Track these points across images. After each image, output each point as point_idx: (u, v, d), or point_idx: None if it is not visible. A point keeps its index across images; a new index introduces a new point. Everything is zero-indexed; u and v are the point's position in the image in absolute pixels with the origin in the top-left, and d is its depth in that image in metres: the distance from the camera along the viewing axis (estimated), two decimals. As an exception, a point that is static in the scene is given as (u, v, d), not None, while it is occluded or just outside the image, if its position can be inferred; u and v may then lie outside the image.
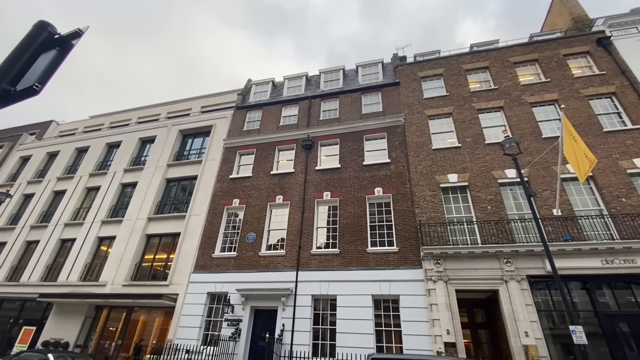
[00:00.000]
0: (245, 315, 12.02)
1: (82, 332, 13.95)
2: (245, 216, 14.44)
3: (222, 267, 13.39)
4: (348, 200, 13.37)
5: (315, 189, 14.12)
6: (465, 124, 13.84)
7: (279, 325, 11.50)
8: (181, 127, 19.18)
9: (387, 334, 10.73)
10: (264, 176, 15.36)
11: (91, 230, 16.66)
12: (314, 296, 11.80)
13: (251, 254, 13.34)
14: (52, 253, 16.75)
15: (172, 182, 17.47)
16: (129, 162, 18.94)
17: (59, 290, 14.77)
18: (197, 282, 13.26)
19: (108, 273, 14.77)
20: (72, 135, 23.37)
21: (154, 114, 22.85)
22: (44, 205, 19.13)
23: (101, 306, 14.60)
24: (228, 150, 16.93)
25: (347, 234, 12.60)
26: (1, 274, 16.89)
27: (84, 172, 19.56)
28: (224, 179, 15.94)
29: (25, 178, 21.10)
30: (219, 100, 21.28)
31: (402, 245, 11.80)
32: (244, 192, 15.20)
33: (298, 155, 15.45)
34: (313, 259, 12.49)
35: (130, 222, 16.09)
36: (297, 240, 13.04)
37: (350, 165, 14.24)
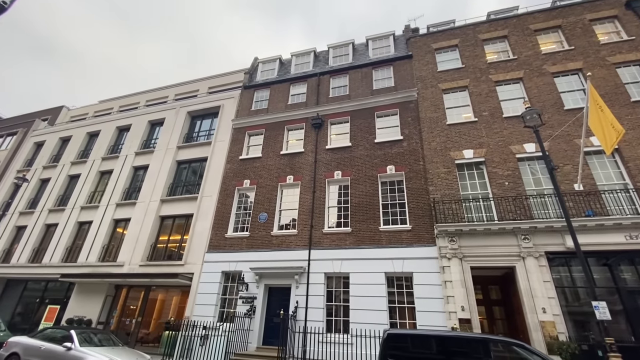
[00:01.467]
0: (259, 293, 12.21)
1: (103, 310, 14.50)
2: (257, 197, 14.41)
3: (236, 246, 13.52)
4: (359, 179, 13.15)
5: (325, 168, 13.92)
6: (481, 97, 13.24)
7: (292, 302, 11.65)
8: (189, 108, 19.00)
9: (400, 310, 10.75)
10: (273, 156, 15.19)
11: (107, 212, 16.99)
12: (327, 274, 11.85)
13: (263, 234, 13.39)
14: (71, 235, 17.23)
15: (183, 164, 17.50)
16: (140, 145, 19.00)
17: (79, 271, 15.27)
18: (211, 261, 13.47)
19: (125, 254, 15.13)
20: (83, 119, 23.51)
21: (162, 96, 22.68)
22: (60, 189, 19.52)
23: (120, 285, 15.07)
24: (237, 131, 16.74)
25: (359, 213, 12.46)
26: (24, 256, 17.53)
27: (96, 156, 19.76)
28: (234, 160, 15.86)
29: (40, 163, 21.50)
30: (226, 80, 20.92)
31: (415, 223, 11.62)
32: (254, 172, 15.11)
33: (308, 134, 15.16)
34: (325, 238, 12.46)
35: (144, 204, 16.31)
36: (308, 219, 12.99)
37: (361, 144, 13.92)
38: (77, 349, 7.60)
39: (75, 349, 7.61)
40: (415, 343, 5.54)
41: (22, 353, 7.97)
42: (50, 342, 8.01)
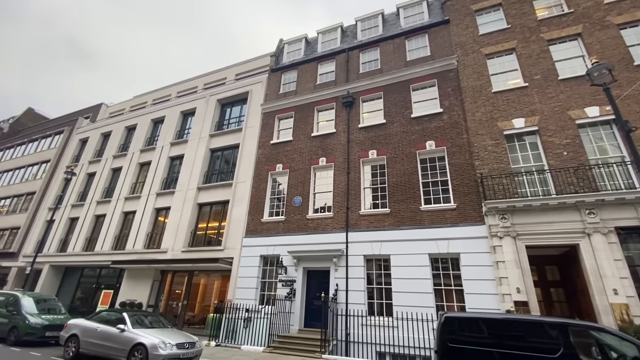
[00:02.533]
0: (298, 276, 12.14)
1: (151, 294, 15.25)
2: (290, 180, 14.21)
3: (272, 230, 13.49)
4: (396, 157, 12.46)
5: (359, 148, 13.34)
6: (532, 59, 11.86)
7: (332, 285, 11.46)
8: (218, 96, 19.03)
9: (446, 293, 10.18)
10: (304, 139, 14.82)
11: (148, 202, 17.68)
12: (366, 256, 11.48)
13: (299, 217, 13.22)
14: (118, 225, 18.19)
15: (216, 152, 17.68)
16: (174, 135, 19.43)
17: (128, 258, 16.11)
18: (249, 245, 13.58)
19: (168, 240, 15.71)
20: (121, 115, 24.46)
21: (191, 86, 22.98)
22: (105, 181, 20.60)
23: (165, 271, 15.74)
24: (266, 116, 16.52)
25: (398, 193, 11.85)
26: (79, 245, 18.84)
27: (135, 149, 20.54)
28: (265, 144, 15.70)
29: (86, 158, 22.79)
30: (253, 65, 20.66)
31: (460, 201, 10.83)
32: (286, 156, 14.88)
33: (339, 114, 14.58)
34: (362, 219, 12.02)
35: (182, 192, 16.74)
36: (344, 201, 12.59)
37: (396, 120, 13.13)
38: (130, 330, 7.91)
39: (128, 330, 7.92)
40: (478, 327, 5.02)
41: (80, 334, 8.46)
42: (106, 324, 8.42)
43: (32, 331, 9.92)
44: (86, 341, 8.31)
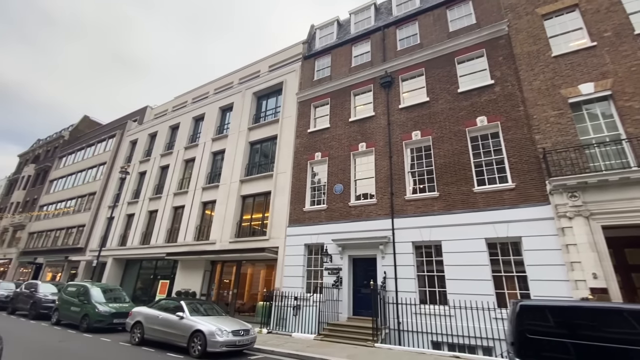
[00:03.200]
0: (344, 264, 11.95)
1: (203, 283, 15.99)
2: (330, 168, 13.95)
3: (315, 219, 13.39)
4: (443, 136, 11.64)
5: (401, 130, 12.67)
6: (600, 14, 10.33)
7: (379, 272, 11.12)
8: (254, 89, 19.17)
9: (508, 279, 9.40)
10: (342, 125, 14.42)
11: (195, 196, 18.46)
12: (415, 243, 10.95)
13: (341, 205, 12.96)
14: (169, 219, 19.25)
15: (255, 145, 17.90)
16: (214, 131, 19.99)
17: (180, 250, 17.01)
18: (293, 235, 13.62)
19: (215, 232, 16.30)
20: (164, 115, 25.70)
21: (227, 82, 23.43)
22: (155, 179, 21.86)
23: (215, 261, 16.39)
24: (302, 105, 16.31)
25: (446, 175, 11.10)
26: (136, 240, 20.28)
27: (180, 147, 21.49)
28: (303, 134, 15.55)
29: (137, 158, 24.34)
30: (285, 55, 20.50)
31: (519, 181, 9.86)
32: (324, 144, 14.61)
33: (377, 95, 13.95)
34: (408, 205, 11.46)
35: (226, 186, 17.22)
36: (387, 187, 12.09)
37: (441, 96, 12.24)
38: (188, 317, 8.25)
39: (186, 318, 8.26)
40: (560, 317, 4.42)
41: (144, 321, 9.02)
42: (166, 312, 8.88)
43: (101, 318, 10.80)
44: (149, 327, 8.83)
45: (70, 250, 24.78)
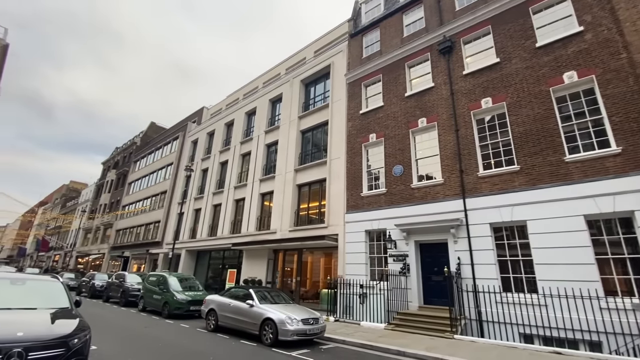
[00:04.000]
0: (410, 250, 11.17)
1: (268, 271, 16.42)
2: (386, 149, 13.10)
3: (374, 204, 12.74)
4: (521, 100, 10.07)
5: (467, 98, 11.29)
6: None
7: (452, 258, 10.14)
8: (301, 77, 18.87)
9: (618, 262, 7.82)
10: (397, 101, 13.40)
11: (254, 188, 18.97)
12: (493, 224, 9.72)
13: (402, 188, 12.10)
14: (232, 211, 20.13)
15: (306, 133, 17.68)
16: (266, 124, 20.24)
17: (243, 240, 17.66)
18: (352, 221, 13.16)
19: (275, 222, 16.57)
20: (219, 114, 26.83)
21: (274, 74, 23.55)
22: (216, 174, 23.01)
23: (277, 250, 16.70)
24: (352, 86, 15.55)
25: (528, 144, 9.59)
26: (204, 232, 21.63)
27: (236, 142, 22.24)
28: (354, 116, 14.84)
29: (199, 157, 25.88)
30: (330, 37, 19.83)
31: (627, 143, 8.07)
32: (378, 124, 13.76)
33: (435, 64, 12.62)
34: (482, 182, 10.20)
35: (281, 176, 17.35)
36: (455, 164, 10.91)
37: (515, 54, 10.57)
38: (258, 305, 8.31)
39: (256, 305, 8.34)
40: None
41: (217, 309, 9.37)
42: (236, 300, 9.09)
43: (179, 306, 11.57)
44: (222, 315, 9.13)
45: (150, 244, 27.52)
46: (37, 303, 4.43)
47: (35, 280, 4.99)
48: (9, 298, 4.31)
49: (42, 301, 4.52)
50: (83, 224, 44.33)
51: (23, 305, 4.26)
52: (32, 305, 4.33)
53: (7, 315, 3.90)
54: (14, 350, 3.28)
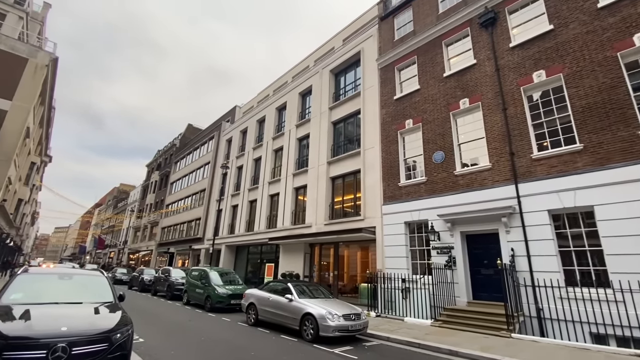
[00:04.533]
0: (455, 242, 10.39)
1: (305, 265, 16.31)
2: (425, 135, 12.30)
3: (413, 194, 12.05)
4: (581, 70, 8.86)
5: (516, 73, 10.20)
6: None
7: (504, 250, 9.27)
8: (330, 67, 18.40)
9: None
10: (435, 83, 12.51)
11: (287, 183, 18.94)
12: (552, 211, 8.70)
13: (444, 175, 11.29)
14: (267, 206, 20.30)
15: (338, 124, 17.24)
16: (297, 117, 20.07)
17: (279, 234, 17.71)
18: (390, 213, 12.57)
19: (310, 216, 16.40)
20: (251, 110, 27.17)
21: (303, 67, 23.28)
22: (251, 171, 23.35)
23: (313, 244, 16.53)
24: (384, 71, 14.82)
25: (592, 119, 8.42)
26: (242, 228, 22.08)
27: (268, 138, 22.36)
28: (388, 102, 14.13)
29: (233, 155, 26.44)
30: (359, 24, 19.10)
31: None
32: (415, 109, 12.96)
33: (477, 39, 11.57)
34: (537, 164, 9.16)
35: (314, 169, 17.10)
36: (504, 146, 9.93)
37: (572, 19, 9.32)
38: (297, 300, 8.11)
39: (295, 300, 8.15)
40: None
41: (256, 303, 9.34)
42: (275, 294, 8.99)
43: (221, 299, 11.77)
44: (262, 309, 9.08)
45: (192, 240, 28.74)
46: (82, 297, 4.51)
47: (82, 275, 5.14)
48: (56, 293, 4.43)
49: (87, 296, 4.61)
50: (132, 223, 47.56)
51: (69, 300, 4.35)
52: (78, 300, 4.42)
53: (53, 310, 3.99)
54: (59, 345, 3.28)
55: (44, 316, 3.74)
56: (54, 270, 5.30)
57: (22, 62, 17.28)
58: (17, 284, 4.38)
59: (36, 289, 4.40)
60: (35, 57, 17.78)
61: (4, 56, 16.69)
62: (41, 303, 4.07)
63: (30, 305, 3.97)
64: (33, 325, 3.51)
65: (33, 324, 3.52)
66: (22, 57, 17.32)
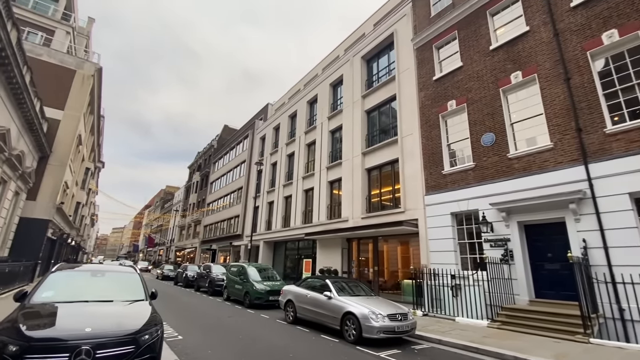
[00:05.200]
0: (512, 233, 9.25)
1: (343, 261, 15.77)
2: (471, 116, 11.14)
3: (460, 182, 10.98)
4: (669, 22, 7.31)
5: (580, 36, 8.76)
6: None
7: (573, 241, 8.02)
8: (361, 53, 17.56)
9: None
10: (480, 58, 11.27)
11: (321, 177, 18.48)
12: (634, 194, 7.33)
13: (496, 159, 10.11)
14: (302, 202, 20.03)
15: (372, 112, 16.41)
16: (329, 109, 19.49)
17: (315, 229, 17.32)
18: (433, 204, 11.60)
19: (346, 209, 15.81)
20: (283, 106, 27.06)
21: (333, 57, 22.64)
22: (285, 167, 23.23)
23: (350, 238, 15.93)
24: (420, 51, 13.73)
25: (687, 80, 6.90)
26: (278, 223, 22.06)
27: (300, 133, 22.05)
28: (427, 84, 13.05)
29: (267, 152, 26.54)
30: (390, 5, 18.12)
31: None
32: (458, 89, 11.81)
33: (528, 3, 10.18)
34: (613, 140, 7.77)
35: (348, 161, 16.45)
36: (569, 122, 8.59)
37: (654, -38, 7.74)
38: (337, 298, 7.59)
39: (334, 298, 7.63)
40: None
41: (294, 300, 8.96)
42: (313, 291, 8.55)
43: (259, 296, 11.61)
44: (300, 307, 8.69)
45: (232, 237, 29.43)
46: (113, 295, 4.35)
47: (115, 273, 5.03)
48: (87, 291, 4.30)
49: (118, 293, 4.45)
50: (177, 222, 50.12)
51: (99, 298, 4.20)
52: (108, 298, 4.25)
53: (81, 309, 3.82)
54: (82, 348, 3.05)
55: (70, 316, 3.57)
56: (87, 267, 5.27)
57: (70, 73, 18.50)
58: (50, 282, 4.32)
59: (68, 286, 4.30)
60: (82, 68, 18.96)
61: (55, 69, 17.95)
62: (70, 301, 3.94)
63: (59, 303, 3.84)
64: (57, 326, 3.33)
65: (57, 324, 3.35)
66: (71, 68, 18.54)
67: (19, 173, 12.98)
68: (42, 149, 15.98)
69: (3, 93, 10.24)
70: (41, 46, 18.75)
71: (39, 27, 20.40)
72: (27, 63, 11.72)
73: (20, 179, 13.63)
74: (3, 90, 10.17)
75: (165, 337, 6.58)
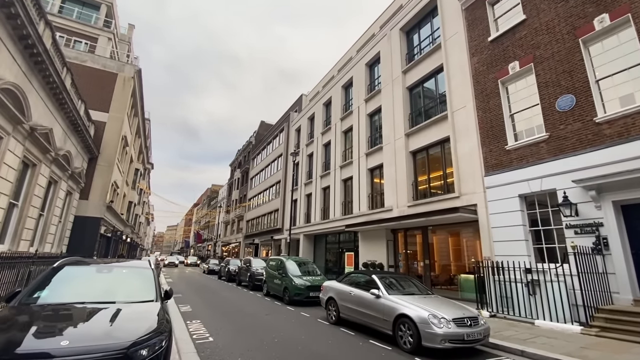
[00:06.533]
0: (606, 217, 7.36)
1: (388, 254, 14.45)
2: (540, 78, 9.21)
3: (529, 158, 9.16)
4: None
5: (701, -48, 6.56)
6: None
7: (703, 223, 6.02)
8: (399, 25, 15.87)
9: None
10: (549, 6, 9.24)
11: (360, 165, 17.22)
12: None
13: (577, 126, 8.17)
14: (341, 192, 18.95)
15: (415, 88, 14.75)
16: (365, 91, 18.09)
17: (356, 220, 16.16)
18: (496, 185, 9.87)
19: (389, 198, 14.43)
20: (317, 95, 26.05)
21: (369, 36, 21.09)
22: (321, 157, 22.27)
23: (395, 229, 14.55)
24: (470, 10, 11.85)
25: None
26: (317, 216, 21.23)
27: (335, 120, 20.90)
28: (481, 46, 11.20)
29: (303, 143, 25.78)
30: (430, -32, 16.04)
31: None
32: (521, 47, 9.88)
33: None
34: None
35: (390, 145, 15.00)
36: (686, 67, 6.49)
37: None
38: (386, 297, 6.43)
39: (384, 297, 6.48)
40: None
41: (336, 298, 7.95)
42: (357, 288, 7.48)
43: (299, 291, 10.81)
44: (343, 306, 7.66)
45: (273, 231, 29.31)
46: (117, 295, 3.66)
47: (124, 268, 4.40)
48: (88, 290, 3.66)
49: (124, 293, 3.76)
50: (222, 218, 51.80)
51: (99, 299, 3.52)
52: (110, 299, 3.55)
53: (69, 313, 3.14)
54: (51, 369, 2.29)
55: (49, 323, 2.89)
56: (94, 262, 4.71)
57: (112, 77, 19.14)
58: (46, 280, 3.73)
59: (66, 285, 3.71)
60: (122, 71, 19.55)
61: (99, 73, 18.66)
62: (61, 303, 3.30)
63: (47, 305, 3.21)
64: (26, 338, 2.60)
65: (27, 336, 2.62)
66: (112, 72, 19.18)
67: (68, 173, 13.47)
68: (90, 150, 16.65)
69: (43, 94, 10.42)
70: (86, 53, 19.64)
71: (83, 35, 21.44)
72: (66, 65, 11.94)
73: (70, 179, 14.19)
74: (42, 90, 10.34)
75: (195, 338, 5.97)
